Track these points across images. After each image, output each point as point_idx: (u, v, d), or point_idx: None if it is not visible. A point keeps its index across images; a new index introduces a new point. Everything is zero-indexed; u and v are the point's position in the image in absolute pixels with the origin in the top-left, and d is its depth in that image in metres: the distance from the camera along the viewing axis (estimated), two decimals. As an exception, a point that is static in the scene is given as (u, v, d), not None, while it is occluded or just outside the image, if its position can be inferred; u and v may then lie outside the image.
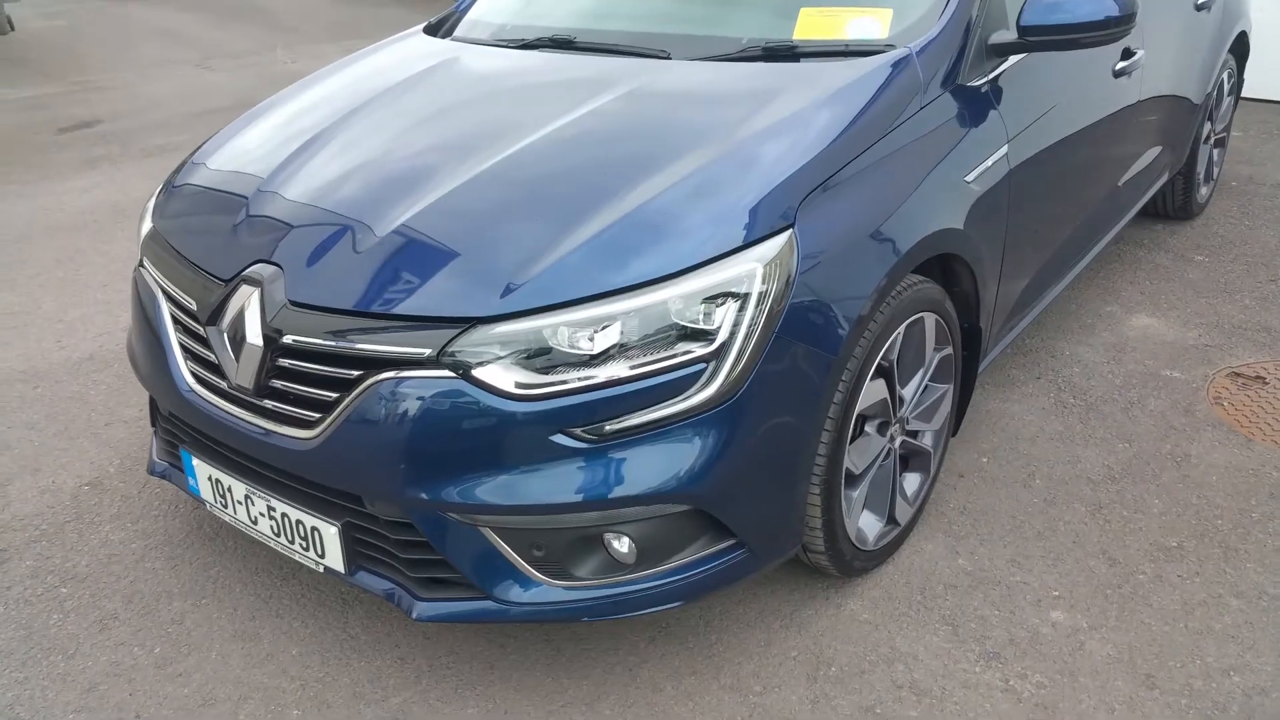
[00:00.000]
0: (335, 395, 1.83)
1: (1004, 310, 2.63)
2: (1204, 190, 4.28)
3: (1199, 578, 2.27)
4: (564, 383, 1.72)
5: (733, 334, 1.76)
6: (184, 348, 2.12)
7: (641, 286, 1.75)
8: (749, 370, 1.78)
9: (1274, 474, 2.62)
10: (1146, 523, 2.46)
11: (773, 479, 1.91)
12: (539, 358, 1.73)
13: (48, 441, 2.92)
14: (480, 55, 2.69)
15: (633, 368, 1.73)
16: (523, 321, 1.74)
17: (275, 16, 11.59)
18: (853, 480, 2.15)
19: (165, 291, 2.17)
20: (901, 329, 2.11)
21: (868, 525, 2.26)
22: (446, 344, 1.73)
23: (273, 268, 1.96)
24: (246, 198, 2.20)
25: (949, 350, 2.35)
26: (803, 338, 1.84)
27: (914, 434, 2.36)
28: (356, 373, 1.80)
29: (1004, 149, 2.37)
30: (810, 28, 2.43)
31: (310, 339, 1.84)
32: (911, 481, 2.41)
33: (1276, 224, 4.21)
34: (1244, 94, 5.84)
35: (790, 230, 1.85)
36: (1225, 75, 4.07)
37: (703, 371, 1.76)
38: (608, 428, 1.73)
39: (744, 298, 1.77)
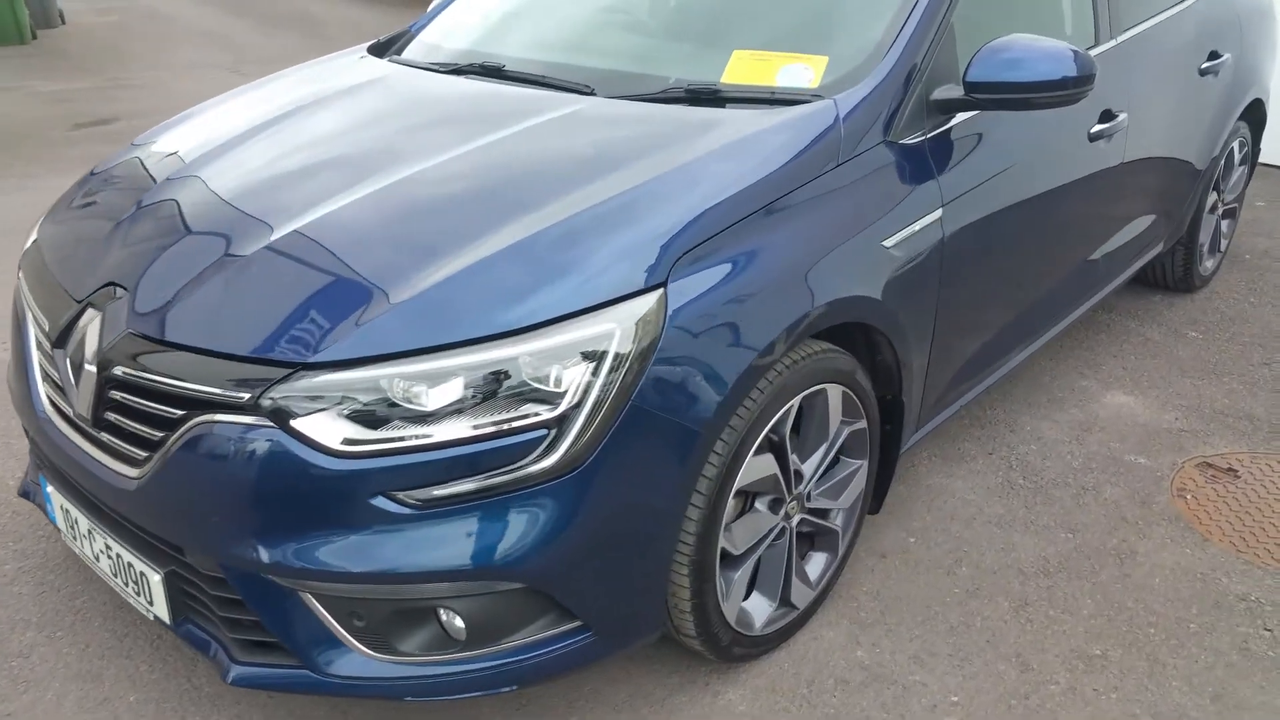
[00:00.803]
0: (160, 434, 1.71)
1: (939, 384, 2.46)
2: (1208, 263, 4.05)
3: (1116, 693, 2.07)
4: (393, 440, 1.59)
5: (582, 399, 1.62)
6: (42, 369, 2.02)
7: (487, 340, 1.62)
8: (597, 440, 1.63)
9: (1223, 580, 2.41)
10: (1072, 625, 2.26)
11: (625, 559, 1.75)
12: (370, 411, 1.60)
13: (-48, 447, 2.85)
14: (404, 78, 2.59)
15: (472, 428, 1.59)
16: (352, 371, 1.61)
17: (319, 26, 11.70)
18: (733, 561, 1.99)
19: (29, 308, 2.08)
20: (797, 401, 1.95)
21: (756, 608, 2.10)
22: (266, 389, 1.61)
23: (121, 290, 1.86)
24: (123, 213, 2.11)
25: (862, 424, 2.18)
26: (664, 408, 1.69)
27: (821, 512, 2.20)
28: (181, 412, 1.68)
29: (937, 213, 2.21)
30: (740, 71, 2.29)
31: (139, 372, 1.73)
32: (816, 562, 2.24)
33: (1284, 302, 3.97)
34: (1271, 162, 5.62)
35: (661, 289, 1.70)
36: (1236, 144, 3.85)
37: (544, 438, 1.62)
38: (435, 493, 1.60)
39: (598, 360, 1.63)
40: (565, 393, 1.61)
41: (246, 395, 1.62)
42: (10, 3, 10.55)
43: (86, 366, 1.82)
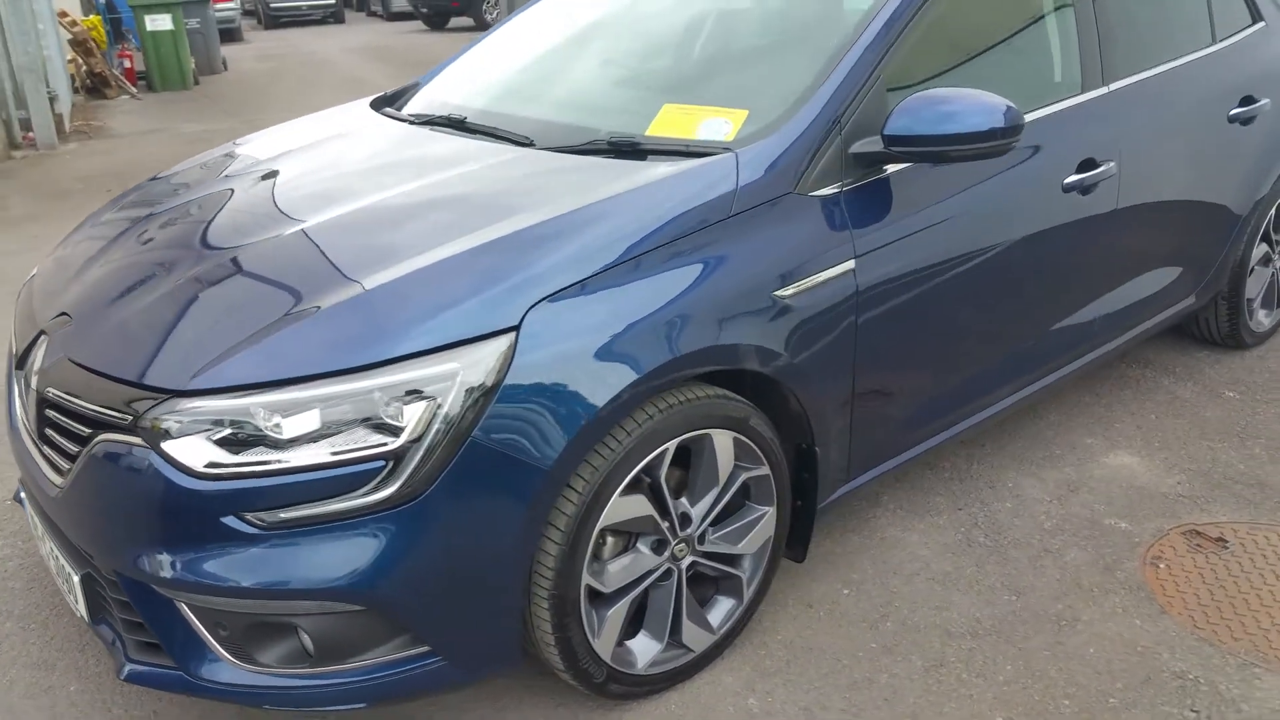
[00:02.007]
0: (76, 449, 1.91)
1: (873, 435, 2.44)
2: (1264, 318, 3.81)
3: (1004, 765, 2.00)
4: (249, 465, 1.73)
5: (422, 434, 1.72)
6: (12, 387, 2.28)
7: (340, 374, 1.75)
8: (435, 474, 1.73)
9: (1163, 655, 2.28)
10: (981, 691, 2.19)
11: (470, 589, 1.84)
12: (234, 437, 1.75)
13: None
14: (377, 128, 2.78)
15: (321, 457, 1.72)
16: (218, 399, 1.77)
17: (450, 69, 12.31)
18: (606, 598, 2.03)
19: (12, 333, 2.35)
20: (672, 445, 1.99)
21: (641, 648, 2.14)
22: (145, 413, 1.79)
23: (66, 319, 2.09)
24: (98, 246, 2.36)
25: (763, 470, 2.20)
26: (507, 447, 1.77)
27: (724, 557, 2.22)
28: (89, 431, 1.88)
29: (848, 265, 2.21)
30: (667, 124, 2.36)
31: (61, 393, 1.95)
32: (721, 608, 2.26)
33: (1347, 364, 3.69)
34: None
35: (512, 333, 1.79)
36: (1292, 196, 3.62)
37: (382, 470, 1.73)
38: (281, 515, 1.73)
39: (439, 398, 1.73)
40: (405, 428, 1.72)
41: (130, 418, 1.80)
42: (177, 53, 11.59)
43: (31, 387, 2.06)
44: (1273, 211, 3.57)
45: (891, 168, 2.33)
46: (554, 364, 1.80)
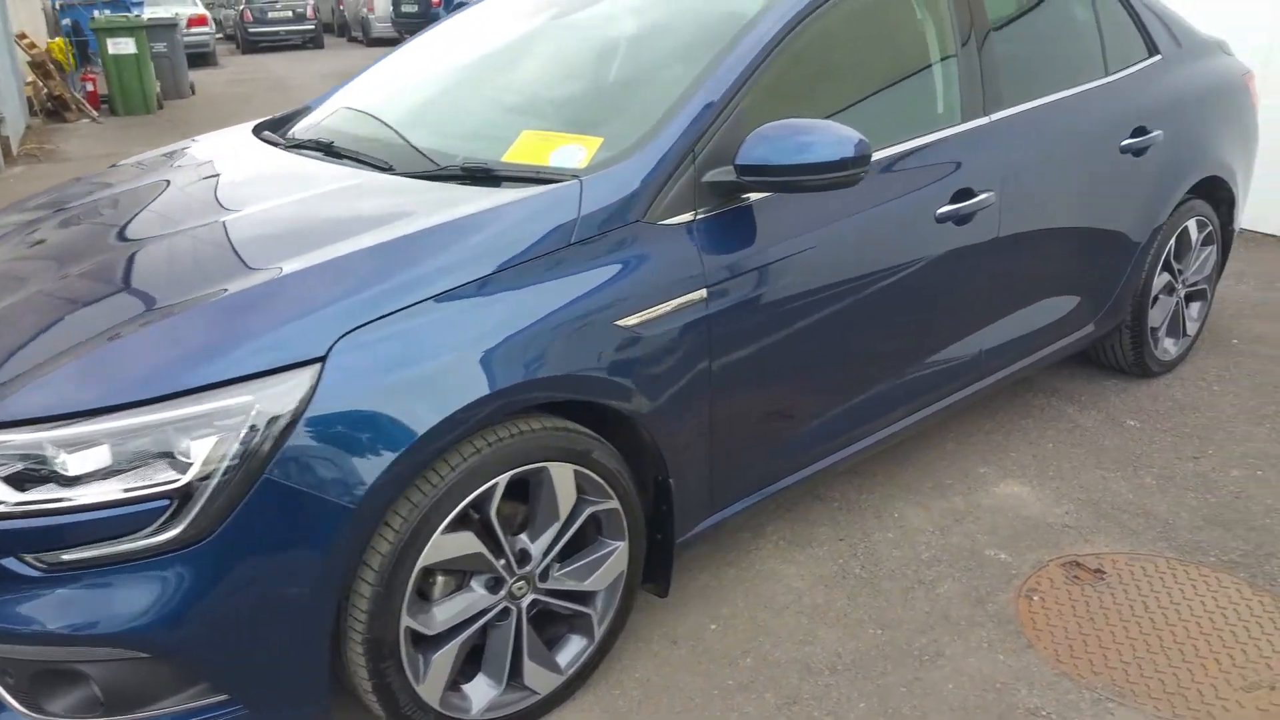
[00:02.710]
0: None
1: (737, 466, 2.41)
2: (1170, 347, 3.81)
3: (841, 805, 1.97)
4: (34, 503, 1.68)
5: (211, 472, 1.68)
6: None
7: (134, 406, 1.70)
8: (225, 513, 1.69)
9: (1020, 692, 2.25)
10: (830, 728, 2.16)
11: (270, 634, 1.78)
12: (22, 473, 1.70)
13: None
14: (246, 152, 2.76)
15: (105, 494, 1.67)
16: (6, 433, 1.72)
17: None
18: (432, 640, 1.99)
19: None
20: (502, 479, 1.96)
21: (478, 691, 2.09)
22: None
23: None
24: None
25: (612, 504, 2.16)
26: (309, 485, 1.73)
27: (573, 594, 2.18)
28: None
29: (698, 294, 2.19)
30: (523, 150, 2.35)
31: None
32: (571, 646, 2.22)
33: (1252, 392, 3.68)
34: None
35: (317, 365, 1.76)
36: (1192, 223, 3.63)
37: (168, 509, 1.68)
38: (64, 557, 1.68)
39: (232, 432, 1.69)
40: (193, 464, 1.68)
41: None
42: (140, 76, 11.57)
43: None
44: (1173, 241, 3.57)
45: (754, 196, 2.32)
46: (363, 397, 1.76)
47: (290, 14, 20.61)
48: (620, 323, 2.07)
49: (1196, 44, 3.70)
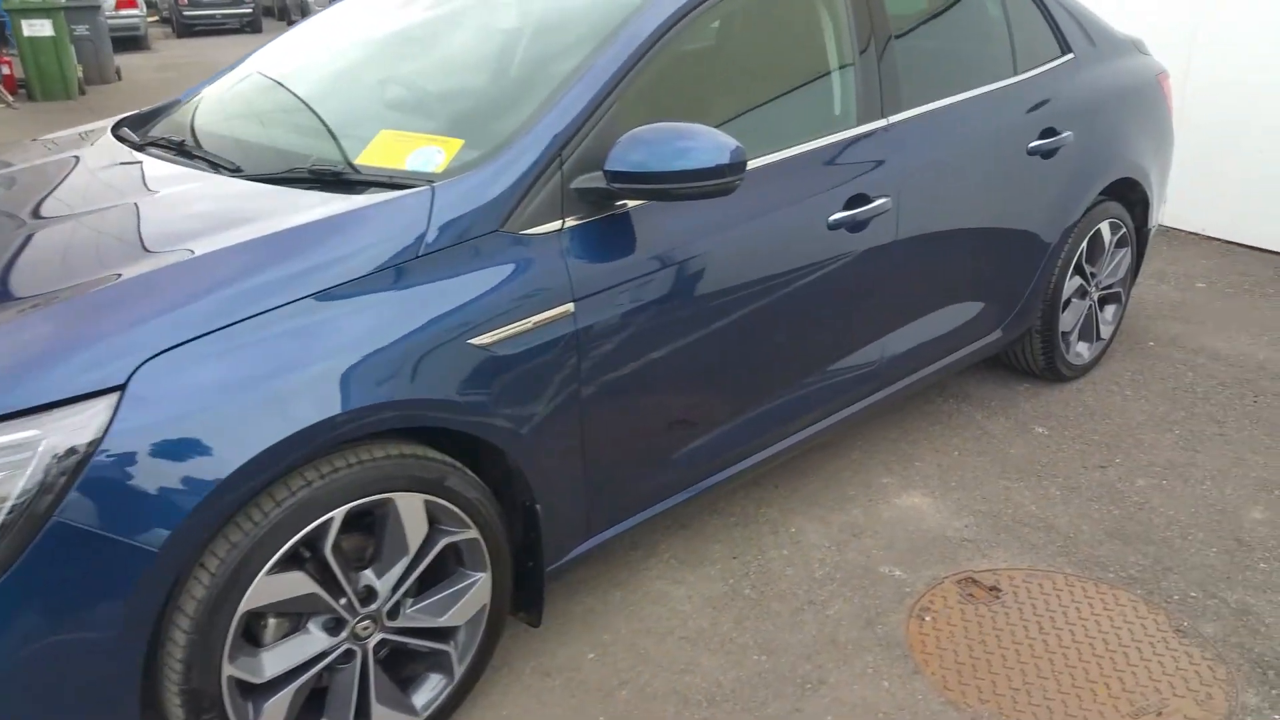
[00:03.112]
0: None
1: (613, 487, 2.29)
2: (1082, 350, 3.75)
3: None
4: None
5: None
6: None
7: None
8: (11, 557, 1.53)
9: (903, 723, 2.16)
10: (701, 767, 2.05)
11: (69, 690, 1.62)
12: None
13: None
14: (96, 150, 2.57)
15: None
16: None
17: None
18: (265, 687, 1.84)
19: None
20: (338, 513, 1.81)
21: (319, 738, 1.95)
22: None
23: None
24: None
25: (471, 534, 2.03)
26: (105, 526, 1.57)
27: (429, 631, 2.04)
28: None
29: (565, 308, 2.06)
30: (379, 151, 2.20)
31: None
32: (429, 686, 2.09)
33: (1162, 397, 3.64)
34: (1237, 240, 5.26)
35: (115, 394, 1.60)
36: (1105, 226, 3.57)
37: (-48, 549, 1.52)
38: None
39: (17, 470, 1.53)
40: (-23, 502, 1.52)
41: None
42: (59, 60, 11.14)
43: None
44: (1084, 244, 3.51)
45: (634, 204, 2.19)
46: (168, 429, 1.61)
47: (227, -3, 20.10)
48: (473, 341, 1.93)
49: (1111, 43, 3.63)
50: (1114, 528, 2.86)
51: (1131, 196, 3.72)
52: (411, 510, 1.92)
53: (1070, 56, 3.40)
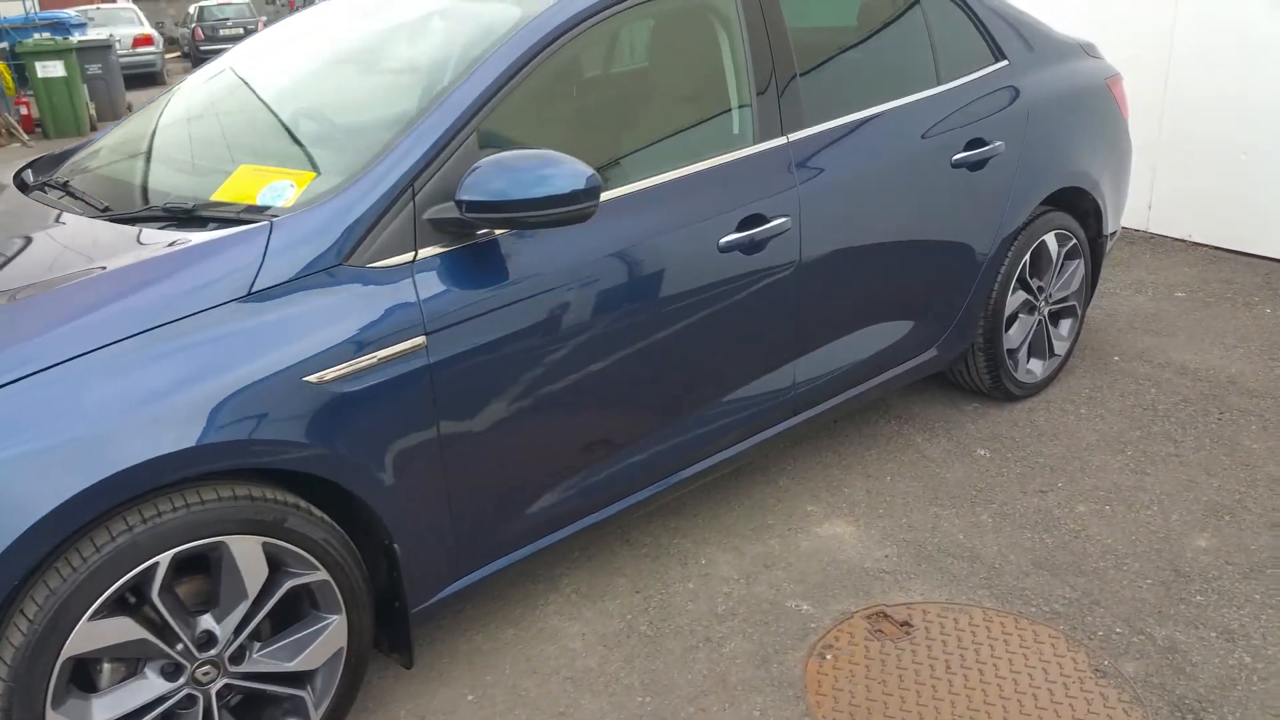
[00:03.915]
0: None
1: (482, 529, 2.22)
2: (1035, 368, 3.62)
3: None
4: None
5: None
6: None
7: None
8: None
9: (778, 771, 2.05)
10: (559, 819, 1.96)
11: None
12: None
13: None
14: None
15: None
16: None
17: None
18: (93, 737, 1.79)
19: None
20: (164, 558, 1.76)
21: (160, 785, 1.89)
22: None
23: None
24: None
25: (320, 575, 1.97)
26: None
27: (288, 675, 1.98)
28: None
29: (415, 342, 2.00)
30: (236, 186, 2.16)
31: None
32: (284, 734, 2.02)
33: (1119, 415, 3.49)
34: (1225, 245, 5.10)
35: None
36: (1050, 238, 3.44)
37: None
38: None
39: None
40: None
41: None
42: (71, 97, 11.37)
43: None
44: (1027, 258, 3.39)
45: (500, 232, 2.13)
46: None
47: (242, 31, 20.40)
48: (309, 379, 1.88)
49: (1053, 47, 3.51)
50: (1044, 558, 2.73)
51: (1081, 206, 3.59)
52: (247, 553, 1.87)
53: (1004, 64, 3.30)
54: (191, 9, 21.67)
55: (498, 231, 2.14)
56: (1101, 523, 2.88)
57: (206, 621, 1.88)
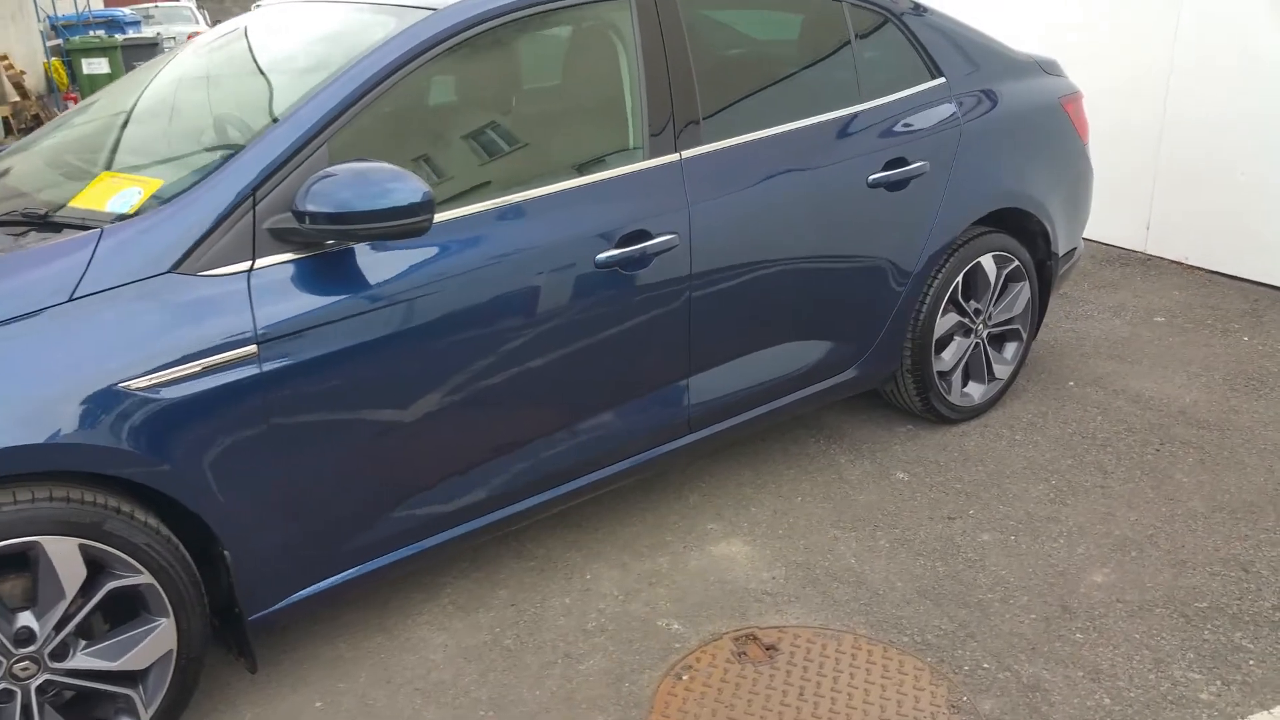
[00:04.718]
0: None
1: (326, 540, 2.24)
2: (974, 392, 3.53)
3: None
4: None
5: None
6: None
7: None
8: None
9: (594, 794, 2.04)
10: (365, 830, 1.97)
11: None
12: None
13: None
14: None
15: None
16: None
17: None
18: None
19: None
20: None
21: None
22: None
23: None
24: None
25: (143, 578, 2.00)
26: None
27: (119, 675, 2.03)
28: None
29: (243, 351, 2.02)
30: (93, 194, 2.21)
31: None
32: (109, 730, 2.06)
33: (1056, 443, 3.40)
34: (1219, 269, 4.95)
35: None
36: (988, 260, 3.36)
37: None
38: None
39: None
40: None
41: None
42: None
43: None
44: (959, 279, 3.31)
45: (354, 244, 2.15)
46: None
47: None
48: (128, 385, 1.91)
49: (1001, 65, 3.44)
50: (930, 586, 2.67)
51: (1027, 227, 3.50)
52: (64, 554, 1.90)
53: (939, 81, 3.23)
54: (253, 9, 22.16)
55: (360, 245, 2.16)
56: (1002, 553, 2.80)
57: (26, 618, 1.92)
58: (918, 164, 3.08)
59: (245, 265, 2.06)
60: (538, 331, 2.40)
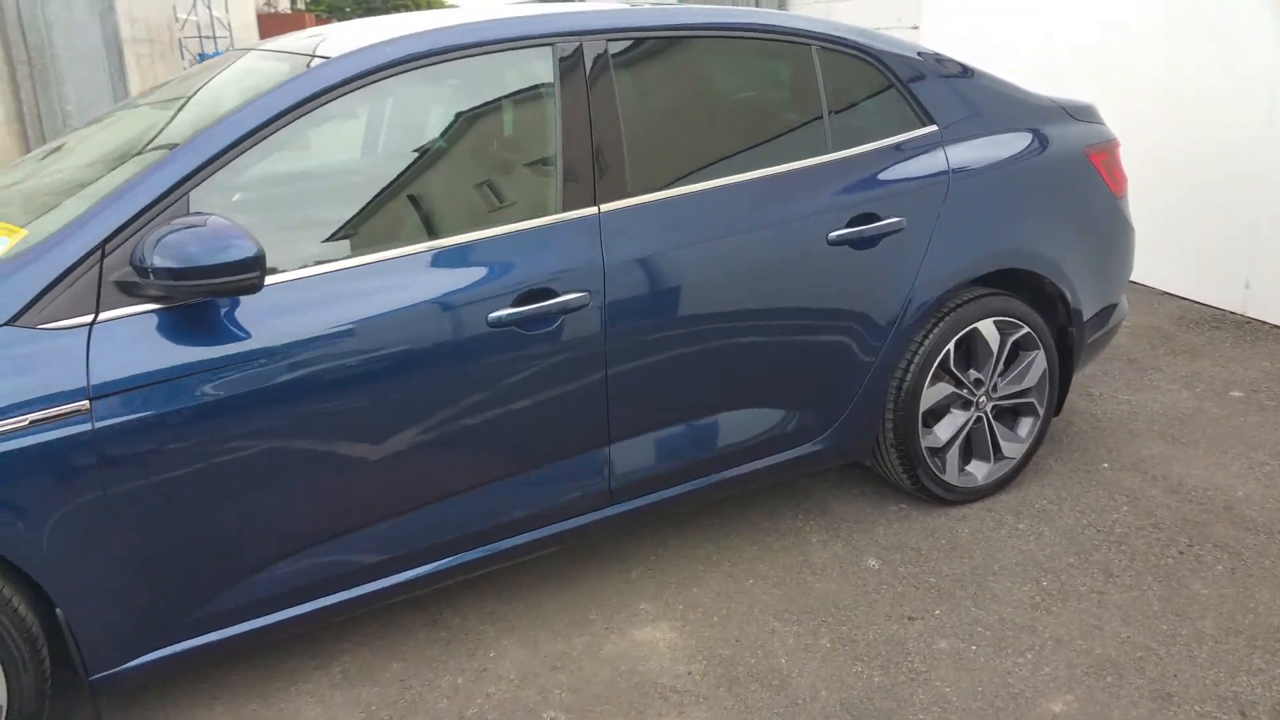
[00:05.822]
0: None
1: (171, 603, 2.16)
2: (977, 471, 3.18)
3: None
4: None
5: None
6: None
7: None
8: None
9: None
10: None
11: None
12: None
13: None
14: None
15: None
16: None
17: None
18: None
19: None
20: None
21: None
22: None
23: None
24: None
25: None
26: None
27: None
28: None
29: (73, 406, 1.97)
30: (-22, 242, 2.21)
31: None
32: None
33: (1064, 535, 3.01)
34: None
35: None
36: (987, 326, 3.02)
37: None
38: None
39: None
40: None
41: None
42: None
43: None
44: (950, 346, 2.98)
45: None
46: None
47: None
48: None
49: (1010, 110, 3.11)
50: (858, 699, 2.37)
51: (1043, 292, 3.14)
52: None
53: (930, 129, 2.94)
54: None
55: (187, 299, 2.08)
56: (954, 666, 2.47)
57: None
58: (891, 220, 2.79)
59: (88, 318, 2.01)
60: (419, 393, 2.26)
